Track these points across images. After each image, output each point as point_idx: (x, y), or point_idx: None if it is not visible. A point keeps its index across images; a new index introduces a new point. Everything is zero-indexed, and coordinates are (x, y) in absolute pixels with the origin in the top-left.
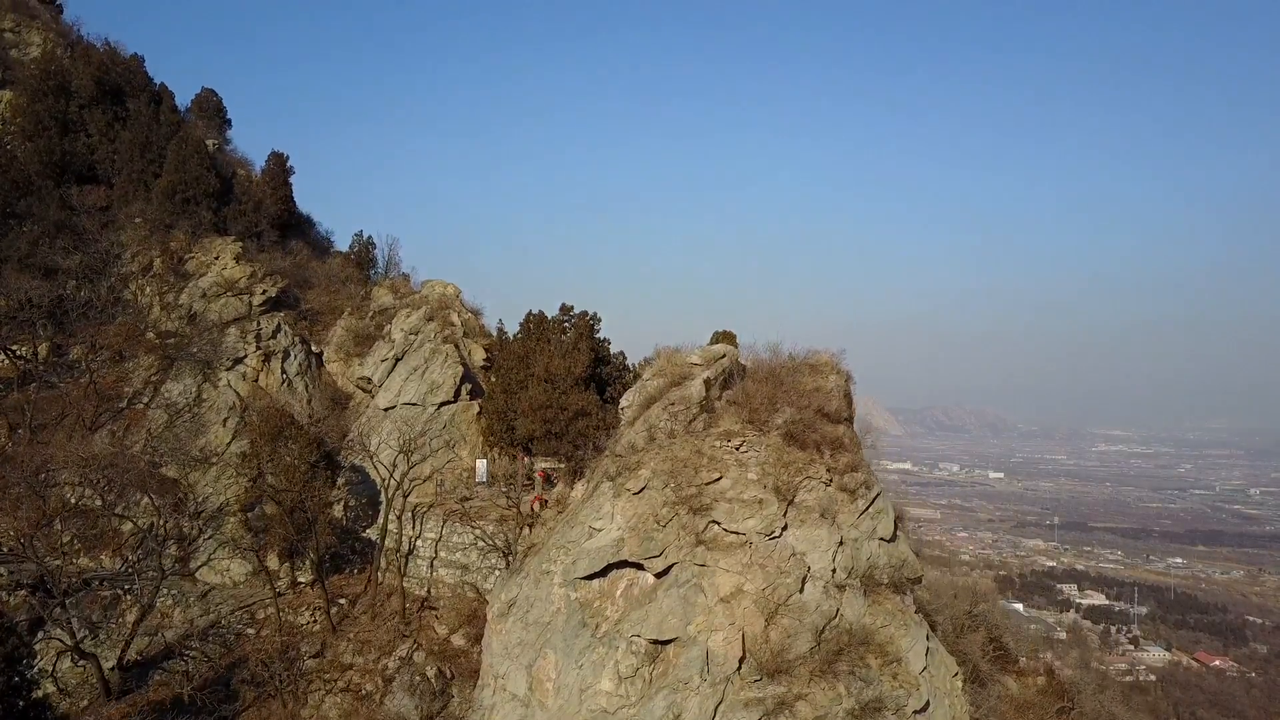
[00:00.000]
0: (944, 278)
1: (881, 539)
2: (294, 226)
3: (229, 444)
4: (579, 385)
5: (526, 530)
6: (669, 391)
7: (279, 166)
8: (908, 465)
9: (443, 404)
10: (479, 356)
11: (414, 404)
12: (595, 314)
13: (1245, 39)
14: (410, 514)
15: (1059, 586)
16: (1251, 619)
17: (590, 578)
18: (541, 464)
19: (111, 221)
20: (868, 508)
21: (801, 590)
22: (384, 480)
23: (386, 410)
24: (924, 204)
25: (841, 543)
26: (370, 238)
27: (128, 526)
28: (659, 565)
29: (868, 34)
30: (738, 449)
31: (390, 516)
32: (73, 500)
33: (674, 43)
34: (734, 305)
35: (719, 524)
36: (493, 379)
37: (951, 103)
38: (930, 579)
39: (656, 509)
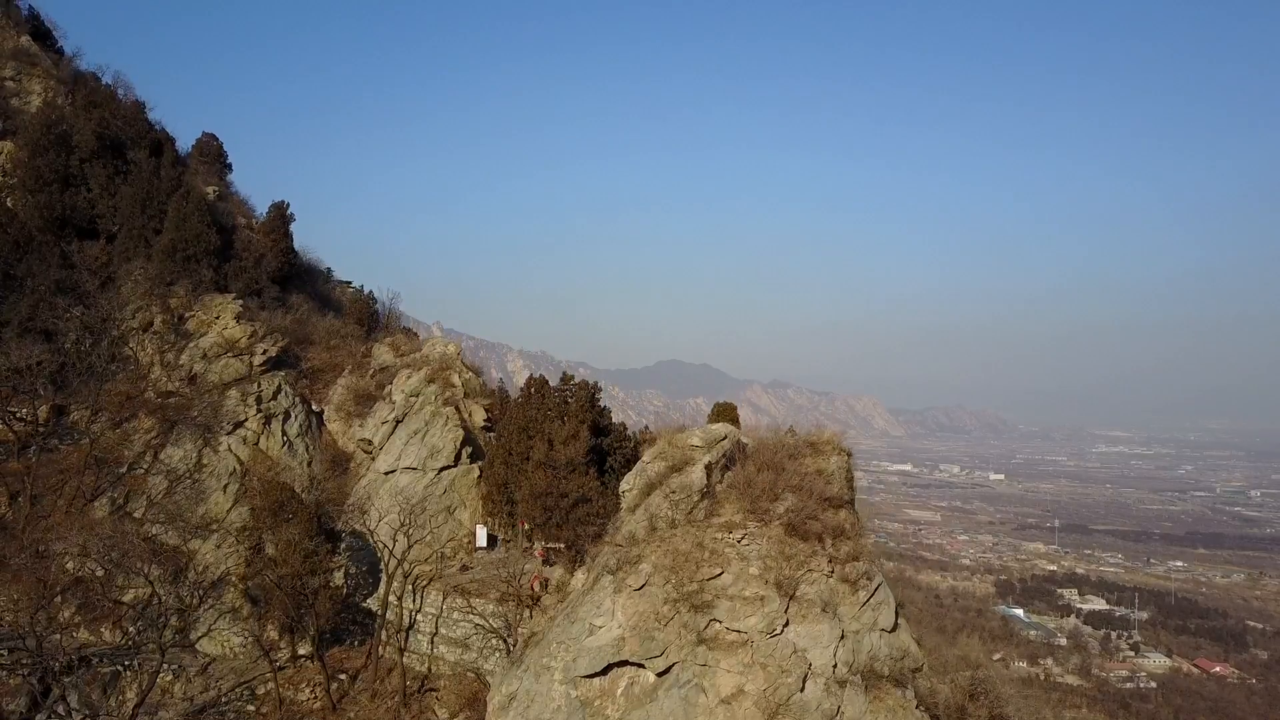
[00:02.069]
0: (943, 277)
1: (883, 630)
2: (295, 277)
3: (229, 511)
4: (579, 470)
5: (527, 613)
6: (670, 477)
7: (279, 216)
8: (908, 467)
9: (443, 469)
10: (479, 417)
11: (414, 468)
12: (596, 383)
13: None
14: (410, 586)
15: (1059, 591)
16: (1252, 624)
17: (591, 676)
18: (541, 544)
19: (112, 278)
20: (869, 599)
21: (803, 689)
22: (384, 553)
23: (387, 474)
24: (924, 207)
25: (843, 636)
26: (371, 292)
27: (129, 596)
28: (660, 665)
29: (861, 41)
30: (739, 541)
31: (390, 591)
32: (73, 570)
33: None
34: (734, 304)
35: (720, 622)
36: (493, 438)
37: (954, 111)
38: (928, 600)
39: (658, 606)
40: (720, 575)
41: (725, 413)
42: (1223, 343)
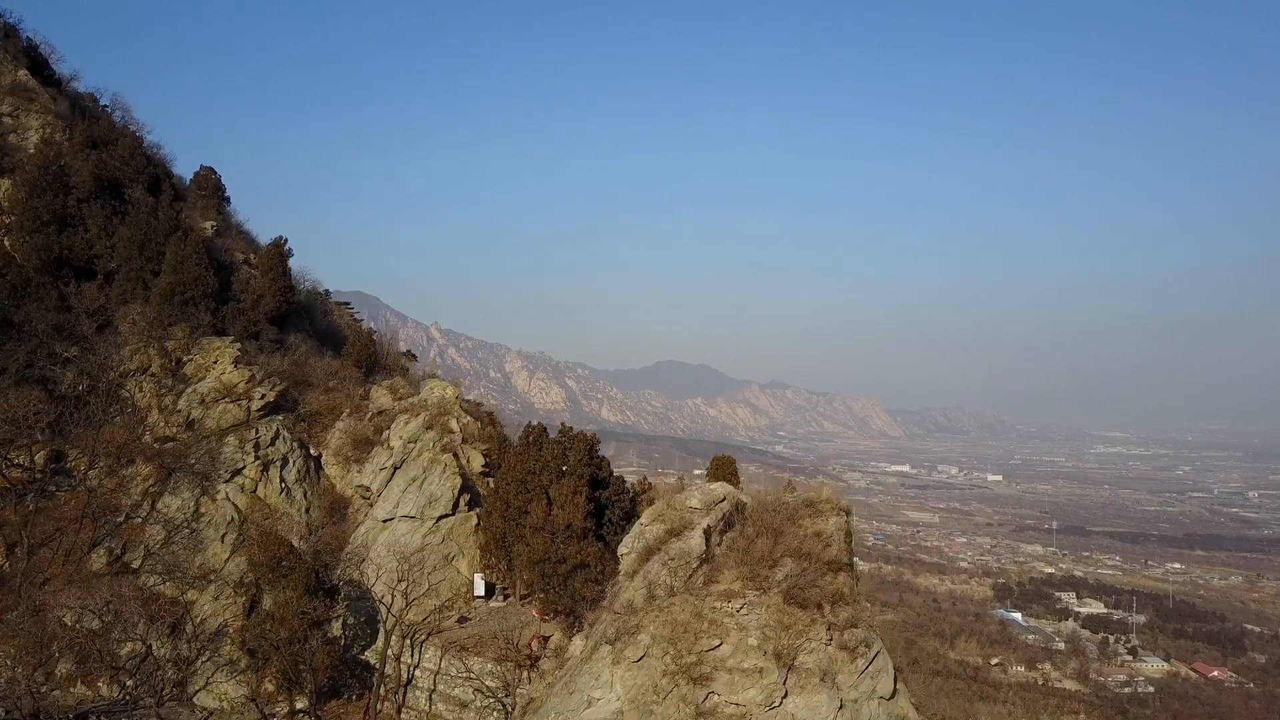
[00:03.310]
0: (941, 277)
1: (881, 697)
2: (293, 314)
3: (227, 561)
4: (577, 535)
5: (525, 674)
6: (669, 542)
7: (278, 254)
8: (906, 468)
9: (441, 517)
10: (477, 463)
11: (412, 516)
12: (594, 435)
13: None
14: (409, 640)
15: (1057, 594)
16: (1250, 627)
17: None
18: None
19: (110, 321)
20: (868, 666)
21: None
22: (382, 609)
23: (385, 522)
24: (922, 207)
25: (841, 706)
26: (371, 331)
27: (126, 649)
28: None
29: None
30: (738, 611)
31: (389, 647)
32: (70, 624)
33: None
34: (733, 305)
35: (719, 695)
36: (491, 483)
37: (951, 111)
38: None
39: (656, 679)
40: (719, 646)
41: (723, 467)
42: (1221, 343)
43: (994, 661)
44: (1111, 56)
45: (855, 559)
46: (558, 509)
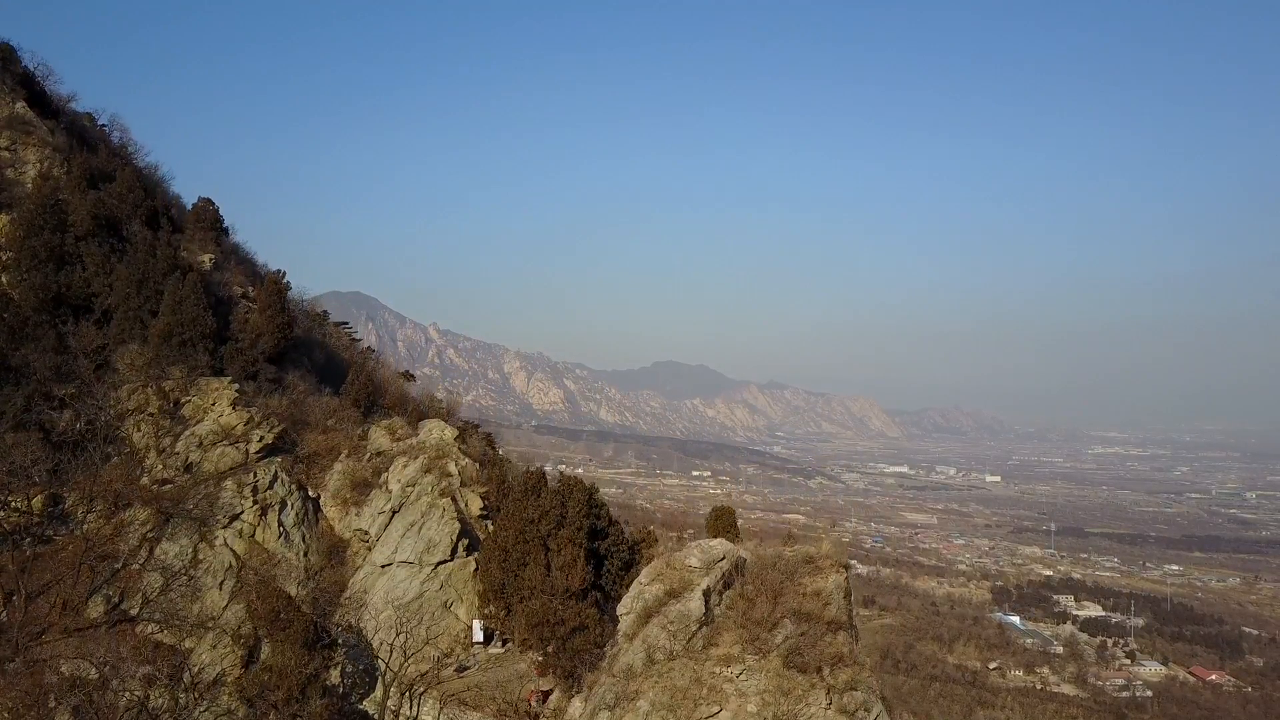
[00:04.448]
0: (939, 278)
1: None
2: (291, 349)
3: (225, 608)
4: (576, 597)
5: None
6: (668, 604)
7: (276, 291)
8: (904, 469)
9: (440, 563)
10: (476, 506)
11: (411, 562)
12: (594, 485)
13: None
14: (407, 694)
15: (1056, 597)
16: (1248, 630)
17: None
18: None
19: (108, 362)
20: None
21: None
22: (380, 661)
23: (384, 567)
24: (919, 207)
25: None
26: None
27: (124, 700)
28: None
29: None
30: (738, 676)
31: (388, 700)
32: (67, 674)
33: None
34: (731, 305)
35: None
36: (489, 525)
37: (948, 111)
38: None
39: None
40: (719, 713)
41: (723, 518)
42: (1218, 343)
43: (992, 665)
44: (1110, 55)
45: (854, 610)
46: (556, 571)
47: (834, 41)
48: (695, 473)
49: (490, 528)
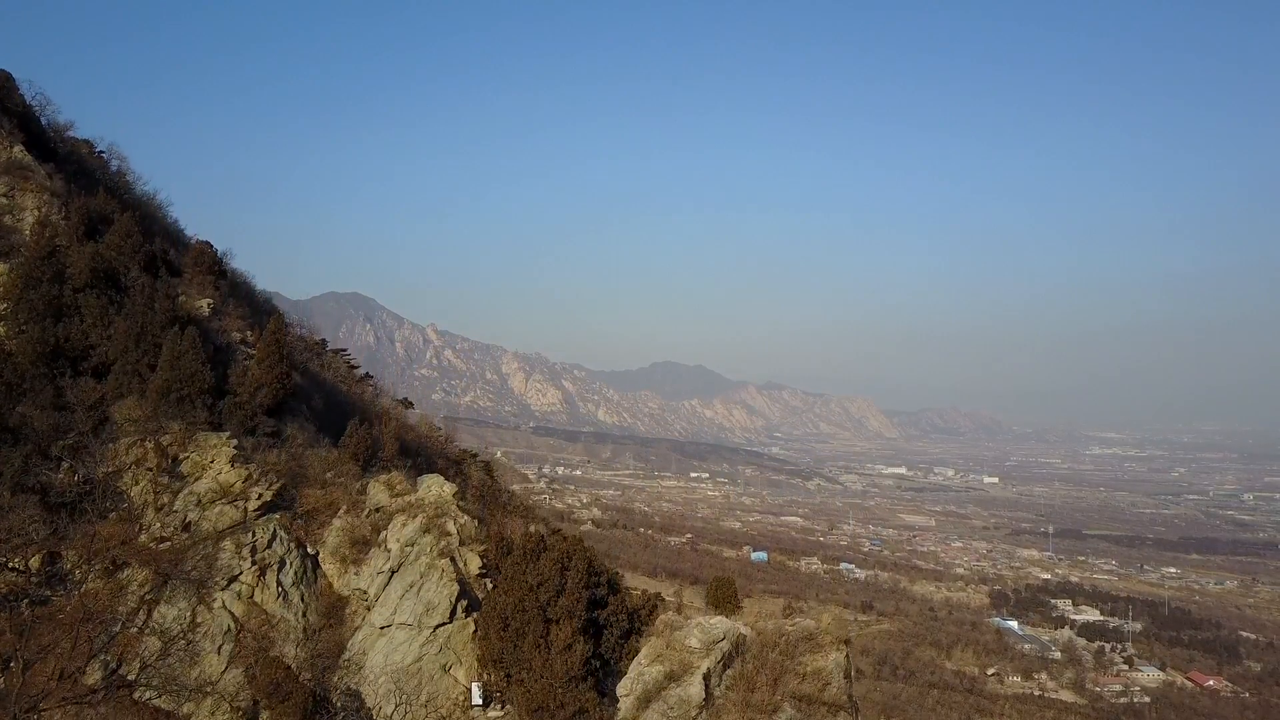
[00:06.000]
0: (937, 278)
1: None
2: (290, 398)
3: (223, 672)
4: (576, 679)
5: None
6: (668, 688)
7: (275, 340)
8: (903, 470)
9: (438, 625)
10: (475, 565)
11: (409, 624)
12: (592, 549)
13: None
14: None
15: (1054, 602)
16: (1245, 634)
17: None
18: None
19: (106, 418)
20: None
21: None
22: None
23: (383, 629)
24: (918, 208)
25: None
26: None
27: None
28: None
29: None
30: None
31: None
32: None
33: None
34: (729, 306)
35: None
36: (489, 586)
37: (948, 111)
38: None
39: None
40: None
41: (723, 589)
42: (1217, 344)
43: (990, 671)
44: (1110, 56)
45: (855, 684)
46: (556, 654)
47: (834, 41)
48: (693, 474)
49: (489, 586)
